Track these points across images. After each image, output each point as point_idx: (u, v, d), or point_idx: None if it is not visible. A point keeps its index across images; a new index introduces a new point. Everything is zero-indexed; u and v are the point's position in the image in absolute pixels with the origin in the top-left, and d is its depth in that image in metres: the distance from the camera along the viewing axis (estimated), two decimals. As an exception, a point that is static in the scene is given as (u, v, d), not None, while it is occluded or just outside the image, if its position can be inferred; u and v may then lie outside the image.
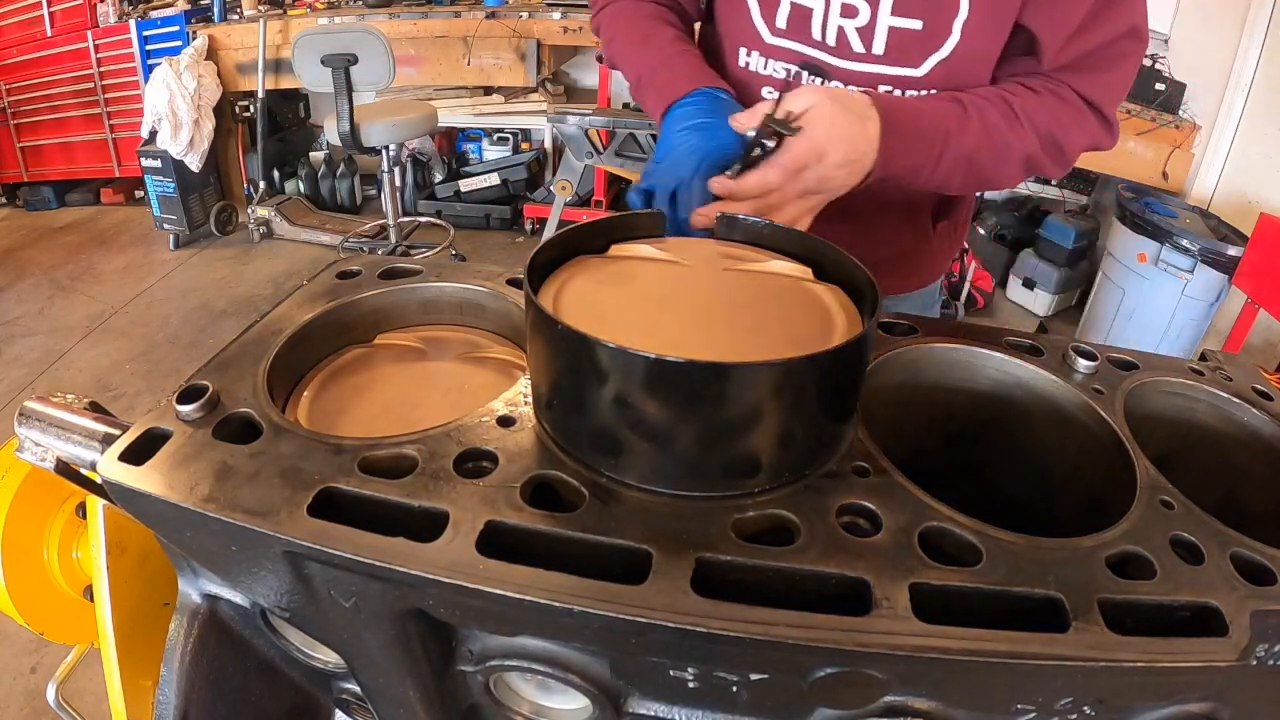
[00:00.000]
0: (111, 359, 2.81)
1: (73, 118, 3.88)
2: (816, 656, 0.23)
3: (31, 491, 0.48)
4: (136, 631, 0.46)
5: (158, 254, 3.63)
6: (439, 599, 0.26)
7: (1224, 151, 2.68)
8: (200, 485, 0.28)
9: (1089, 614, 0.24)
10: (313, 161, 4.07)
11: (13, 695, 1.60)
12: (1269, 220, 2.09)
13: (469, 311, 0.44)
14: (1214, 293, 2.47)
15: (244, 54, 3.61)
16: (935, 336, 0.39)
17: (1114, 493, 0.31)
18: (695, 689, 0.27)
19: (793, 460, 0.29)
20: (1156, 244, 2.51)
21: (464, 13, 3.50)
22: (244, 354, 0.36)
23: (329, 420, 0.38)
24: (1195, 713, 0.26)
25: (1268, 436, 0.38)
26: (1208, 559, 0.27)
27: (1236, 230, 2.44)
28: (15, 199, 4.11)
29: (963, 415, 0.40)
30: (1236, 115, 2.60)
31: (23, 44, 3.74)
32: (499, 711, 0.33)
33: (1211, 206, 2.70)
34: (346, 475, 0.28)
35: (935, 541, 0.27)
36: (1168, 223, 2.47)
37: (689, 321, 0.24)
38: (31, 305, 3.17)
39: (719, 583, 0.25)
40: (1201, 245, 2.39)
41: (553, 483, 0.29)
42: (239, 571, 0.31)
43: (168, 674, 0.39)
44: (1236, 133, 2.63)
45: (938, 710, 0.26)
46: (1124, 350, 0.40)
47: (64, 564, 0.51)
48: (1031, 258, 3.19)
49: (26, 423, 0.36)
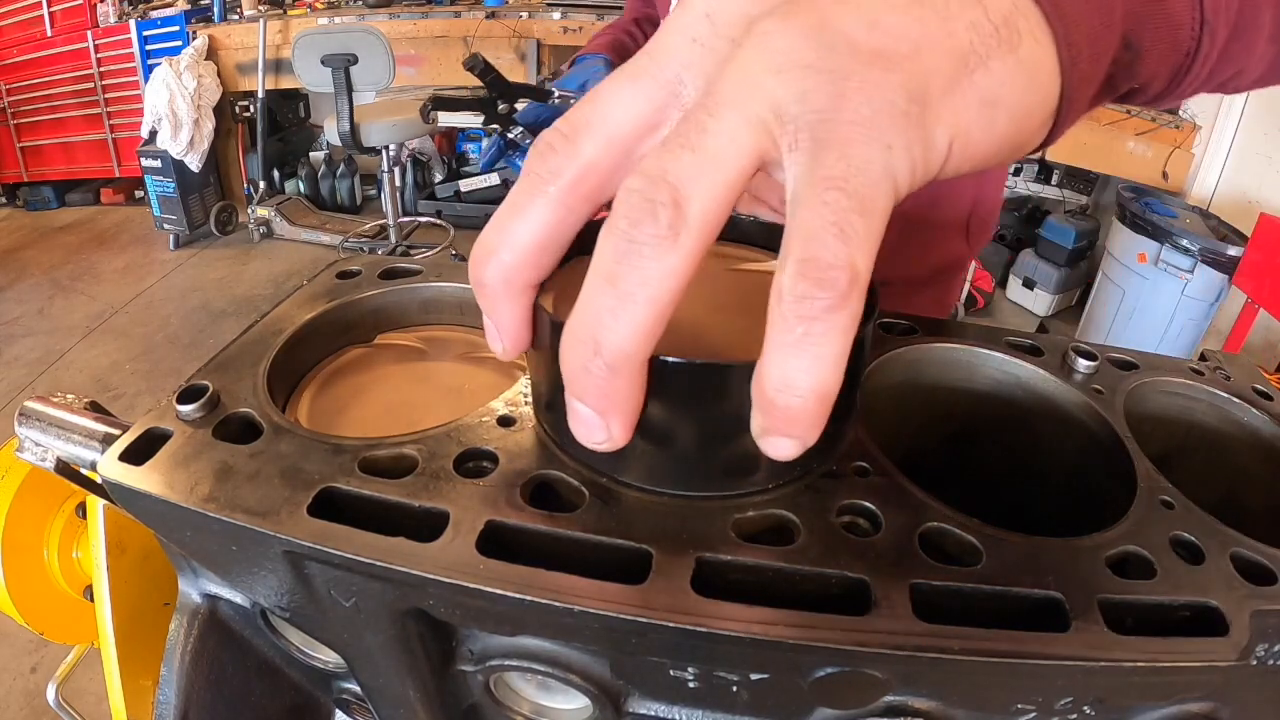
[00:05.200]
0: (111, 359, 2.81)
1: (73, 118, 3.88)
2: (816, 656, 0.23)
3: (31, 491, 0.48)
4: (136, 631, 0.46)
5: (158, 254, 3.63)
6: (439, 599, 0.26)
7: (1224, 151, 2.68)
8: (200, 485, 0.28)
9: (1089, 614, 0.24)
10: (313, 161, 4.07)
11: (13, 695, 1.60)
12: (1269, 220, 2.09)
13: (469, 311, 0.44)
14: (1214, 293, 2.47)
15: (244, 54, 3.61)
16: (935, 336, 0.39)
17: (1114, 492, 0.31)
18: (695, 689, 0.27)
19: (793, 460, 0.29)
20: (1156, 244, 2.51)
21: (464, 13, 3.51)
22: (244, 354, 0.36)
23: (329, 420, 0.38)
24: (1195, 713, 0.26)
25: (1268, 436, 0.38)
26: (1208, 559, 0.27)
27: (1236, 230, 2.44)
28: (15, 199, 4.11)
29: (963, 415, 0.40)
30: (1236, 115, 2.60)
31: (23, 44, 3.74)
32: (499, 711, 0.33)
33: (1211, 206, 2.70)
34: (347, 475, 0.28)
35: (935, 541, 0.27)
36: (1168, 223, 2.47)
37: (688, 321, 0.24)
38: (31, 305, 3.17)
39: (719, 583, 0.25)
40: (1201, 245, 2.39)
41: (553, 483, 0.29)
42: (239, 571, 0.31)
43: (168, 674, 0.39)
44: (1236, 133, 2.63)
45: (938, 710, 0.26)
46: (1124, 350, 0.40)
47: (64, 564, 0.51)
48: (1031, 258, 3.19)
49: (26, 423, 0.36)
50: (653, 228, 0.20)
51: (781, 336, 0.20)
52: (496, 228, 0.25)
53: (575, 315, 0.22)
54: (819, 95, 0.20)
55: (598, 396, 0.22)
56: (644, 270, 0.20)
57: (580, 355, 0.22)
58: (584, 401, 0.23)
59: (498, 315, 0.26)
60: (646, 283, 0.20)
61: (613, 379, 0.22)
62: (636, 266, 0.20)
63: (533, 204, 0.24)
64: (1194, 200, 2.69)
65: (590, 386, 0.22)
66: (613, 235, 0.21)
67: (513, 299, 0.25)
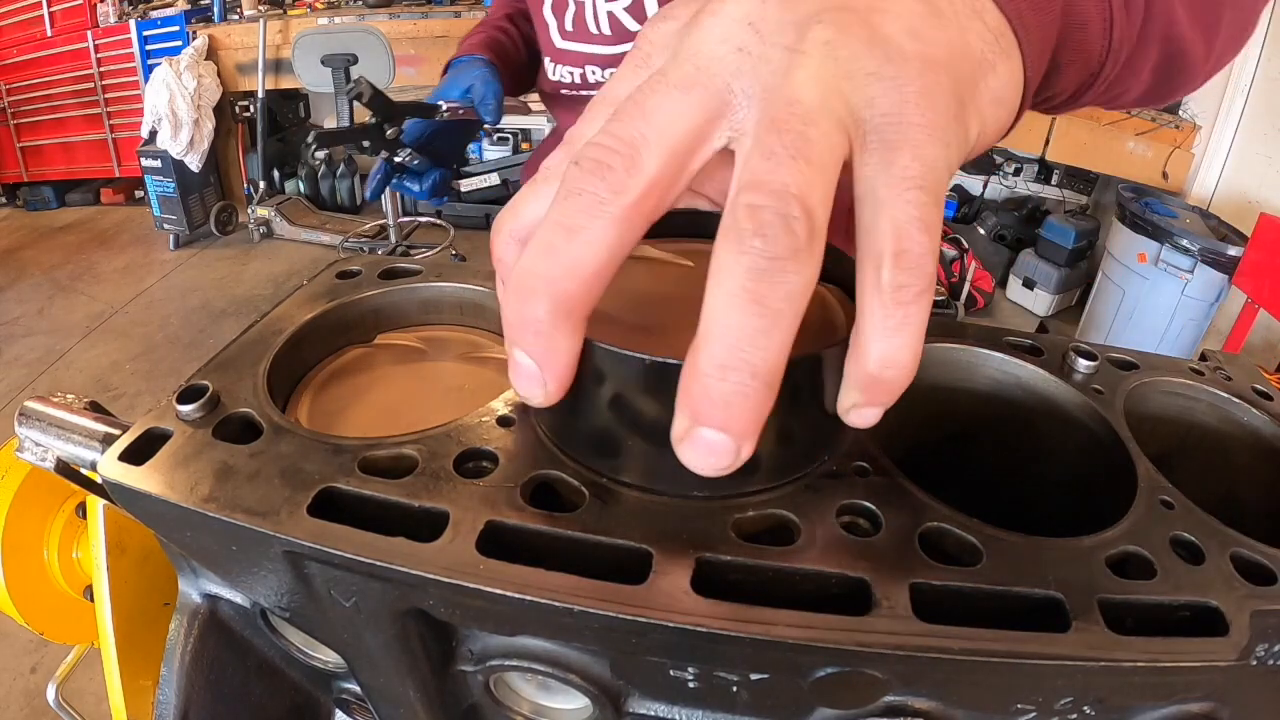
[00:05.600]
0: (111, 359, 2.81)
1: (73, 118, 3.88)
2: (816, 656, 0.23)
3: (31, 491, 0.48)
4: (136, 631, 0.46)
5: (158, 254, 3.63)
6: (439, 599, 0.26)
7: (1224, 151, 2.69)
8: (200, 485, 0.28)
9: (1089, 614, 0.24)
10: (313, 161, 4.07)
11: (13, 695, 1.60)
12: (1269, 220, 2.09)
13: (469, 311, 0.44)
14: (1214, 293, 2.47)
15: (244, 54, 3.61)
16: (935, 336, 0.39)
17: (1114, 493, 0.31)
18: (695, 689, 0.27)
19: (793, 460, 0.28)
20: (1156, 244, 2.51)
21: (464, 13, 3.50)
22: (244, 354, 0.36)
23: (329, 420, 0.38)
24: (1195, 713, 0.26)
25: (1268, 436, 0.38)
26: (1208, 559, 0.27)
27: (1236, 230, 2.44)
28: (15, 199, 4.11)
29: (963, 415, 0.40)
30: (1236, 115, 2.60)
31: (23, 44, 3.75)
32: (499, 711, 0.33)
33: (1211, 206, 2.70)
34: (346, 475, 0.28)
35: (935, 541, 0.27)
36: (1168, 223, 2.47)
37: (689, 322, 0.24)
38: (31, 305, 3.17)
39: (719, 583, 0.25)
40: (1201, 245, 2.39)
41: (553, 483, 0.29)
42: (239, 571, 0.31)
43: (168, 674, 0.39)
44: (1236, 133, 2.63)
45: (938, 710, 0.26)
46: (1124, 350, 0.40)
47: (64, 564, 0.51)
48: (1031, 258, 3.19)
49: (26, 423, 0.36)
50: (792, 241, 0.20)
51: (884, 322, 0.22)
52: (546, 253, 0.22)
53: (717, 341, 0.21)
54: (886, 100, 0.22)
55: (754, 420, 0.21)
56: (789, 286, 0.21)
57: (737, 381, 0.21)
58: (731, 429, 0.21)
59: (553, 352, 0.23)
60: (793, 297, 0.21)
61: (769, 397, 0.21)
62: (781, 283, 0.20)
63: (594, 225, 0.22)
64: (1194, 200, 2.69)
65: (747, 410, 0.21)
66: (746, 253, 0.20)
67: (573, 332, 0.23)
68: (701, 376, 0.21)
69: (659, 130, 0.22)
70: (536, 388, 0.24)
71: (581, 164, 0.22)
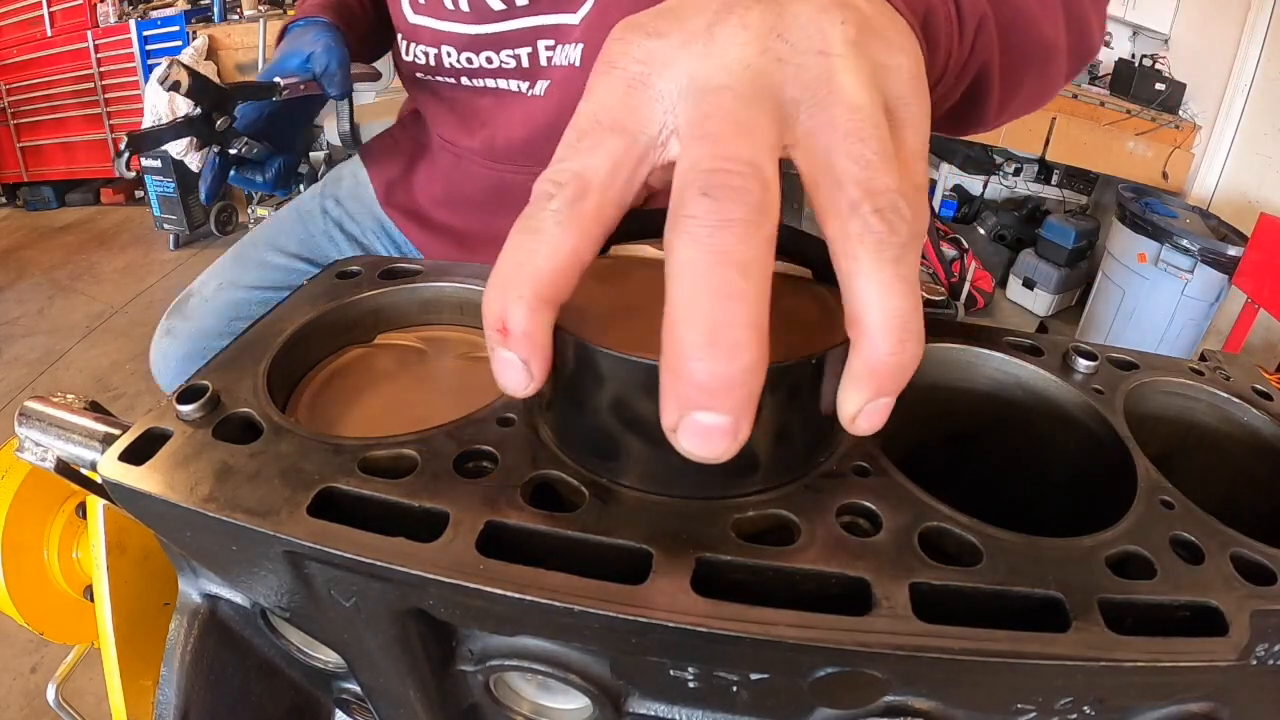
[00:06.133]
0: (111, 359, 2.81)
1: (73, 118, 3.87)
2: (816, 656, 0.23)
3: (31, 491, 0.48)
4: (136, 631, 0.46)
5: (158, 254, 3.63)
6: (439, 599, 0.26)
7: (1224, 151, 2.69)
8: (200, 485, 0.28)
9: (1089, 614, 0.24)
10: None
11: (13, 695, 1.60)
12: (1269, 220, 2.09)
13: (469, 311, 0.44)
14: (1214, 293, 2.47)
15: (244, 54, 3.61)
16: (935, 336, 0.39)
17: (1114, 493, 0.31)
18: (695, 689, 0.27)
19: (793, 460, 0.28)
20: (1156, 244, 2.51)
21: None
22: (244, 354, 0.36)
23: (329, 420, 0.38)
24: (1195, 713, 0.26)
25: (1268, 436, 0.38)
26: (1208, 559, 0.27)
27: (1236, 230, 2.44)
28: (15, 199, 4.10)
29: (962, 415, 0.40)
30: (1236, 115, 2.60)
31: (23, 44, 3.74)
32: (499, 711, 0.33)
33: (1211, 206, 2.70)
34: (346, 475, 0.28)
35: (935, 541, 0.27)
36: (1168, 223, 2.47)
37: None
38: (31, 305, 3.17)
39: (719, 583, 0.25)
40: (1201, 245, 2.39)
41: (553, 483, 0.29)
42: (239, 571, 0.31)
43: (168, 674, 0.39)
44: (1236, 133, 2.64)
45: (938, 710, 0.26)
46: (1124, 350, 0.40)
47: (64, 564, 0.51)
48: (1031, 258, 3.19)
49: (26, 423, 0.36)
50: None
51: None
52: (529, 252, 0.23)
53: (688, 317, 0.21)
54: (899, 86, 0.26)
55: (745, 394, 0.21)
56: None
57: (724, 351, 0.21)
58: (720, 406, 0.21)
59: (528, 338, 0.24)
60: None
61: (757, 361, 0.22)
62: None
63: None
64: (1194, 200, 2.70)
65: (735, 385, 0.21)
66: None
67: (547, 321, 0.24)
68: (680, 355, 0.21)
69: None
70: (519, 375, 0.25)
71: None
